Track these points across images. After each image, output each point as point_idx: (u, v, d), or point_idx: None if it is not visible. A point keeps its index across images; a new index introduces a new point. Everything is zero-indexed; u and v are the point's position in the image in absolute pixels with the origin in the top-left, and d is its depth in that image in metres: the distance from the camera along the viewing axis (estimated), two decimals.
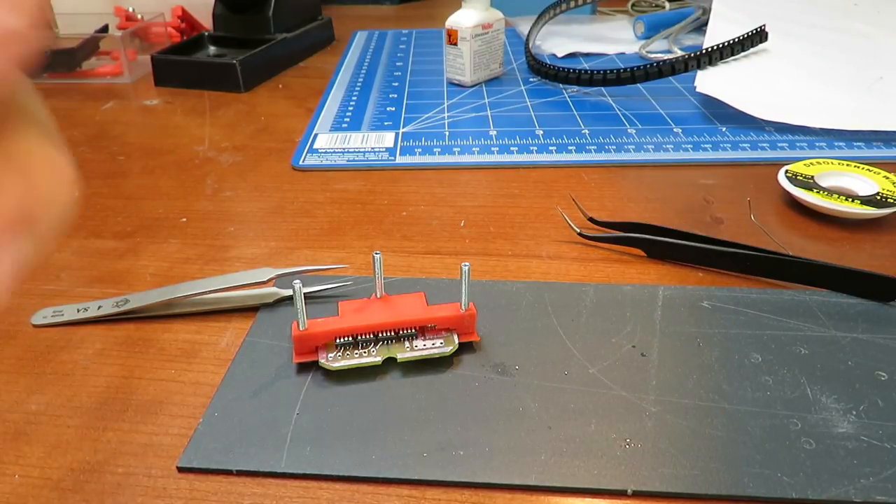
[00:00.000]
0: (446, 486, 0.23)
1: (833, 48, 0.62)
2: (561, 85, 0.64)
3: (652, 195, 0.41)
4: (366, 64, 0.74)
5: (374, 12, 1.04)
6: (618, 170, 0.47)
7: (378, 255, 0.29)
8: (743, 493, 0.23)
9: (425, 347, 0.29)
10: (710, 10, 0.67)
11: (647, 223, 0.37)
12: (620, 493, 0.23)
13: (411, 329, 0.29)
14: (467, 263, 0.28)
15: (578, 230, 0.39)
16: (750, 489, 0.23)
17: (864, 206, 0.38)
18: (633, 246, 0.37)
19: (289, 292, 0.33)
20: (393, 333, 0.29)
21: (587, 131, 0.53)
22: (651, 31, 0.77)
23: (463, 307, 0.29)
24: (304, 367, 0.29)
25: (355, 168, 0.49)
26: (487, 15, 0.63)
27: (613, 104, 0.59)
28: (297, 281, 0.27)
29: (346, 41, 0.84)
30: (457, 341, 0.29)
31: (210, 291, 0.32)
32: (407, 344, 0.29)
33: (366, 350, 0.29)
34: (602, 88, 0.61)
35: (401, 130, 0.55)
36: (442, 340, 0.29)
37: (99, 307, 0.33)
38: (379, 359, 0.28)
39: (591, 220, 0.39)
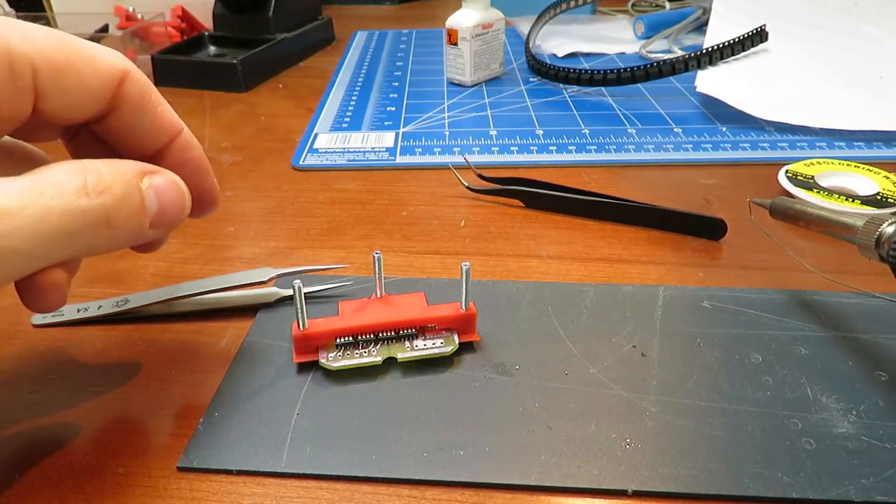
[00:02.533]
0: (446, 486, 0.23)
1: (833, 48, 0.62)
2: (561, 85, 0.64)
3: (652, 195, 0.41)
4: (366, 64, 0.74)
5: (374, 12, 1.04)
6: (618, 169, 0.47)
7: (378, 255, 0.29)
8: (743, 493, 0.23)
9: (425, 347, 0.29)
10: (710, 10, 0.67)
11: (530, 179, 0.43)
12: (621, 493, 0.23)
13: (411, 329, 0.29)
14: (467, 263, 0.28)
15: (467, 185, 0.44)
16: (750, 489, 0.23)
17: (865, 206, 0.38)
18: (513, 197, 0.43)
19: (289, 292, 0.33)
20: (393, 333, 0.29)
21: (587, 131, 0.53)
22: (651, 31, 0.77)
23: (463, 307, 0.29)
24: (304, 367, 0.29)
25: (355, 168, 0.49)
26: (487, 15, 0.63)
27: (613, 104, 0.59)
28: (298, 281, 0.27)
29: (347, 41, 0.84)
30: (457, 341, 0.29)
31: (210, 291, 0.32)
32: (407, 344, 0.29)
33: (366, 350, 0.29)
34: (602, 88, 0.61)
35: (401, 130, 0.55)
36: (442, 340, 0.29)
37: (99, 307, 0.33)
38: (379, 358, 0.28)
39: (480, 176, 0.45)
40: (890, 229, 0.26)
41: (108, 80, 0.22)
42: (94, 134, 0.25)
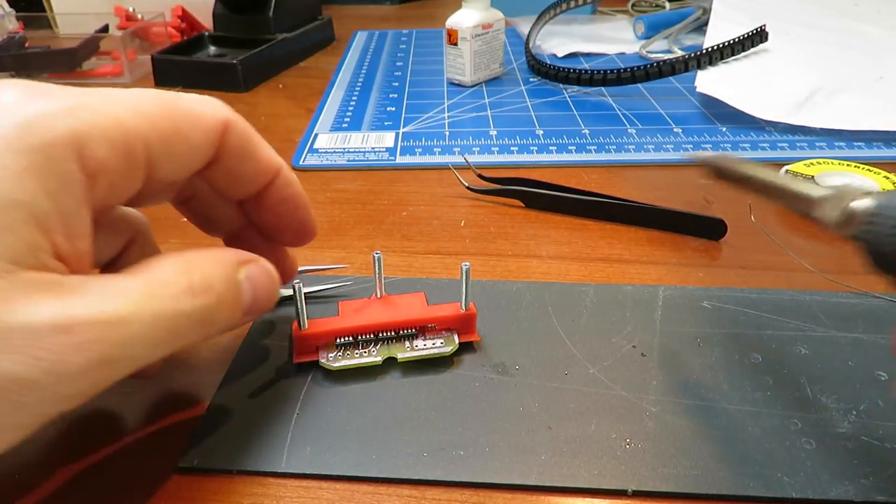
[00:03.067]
0: (446, 486, 0.23)
1: (833, 48, 0.62)
2: (561, 85, 0.64)
3: (652, 195, 0.41)
4: (366, 64, 0.74)
5: (374, 12, 1.04)
6: (618, 170, 0.47)
7: (378, 255, 0.29)
8: (743, 493, 0.23)
9: (425, 347, 0.29)
10: (710, 10, 0.67)
11: (530, 179, 0.43)
12: (621, 493, 0.23)
13: (411, 329, 0.29)
14: (467, 263, 0.28)
15: (467, 185, 0.43)
16: (750, 489, 0.23)
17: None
18: (513, 197, 0.43)
19: (289, 292, 0.33)
20: (393, 333, 0.29)
21: (587, 131, 0.53)
22: (651, 31, 0.77)
23: (463, 307, 0.29)
24: (304, 367, 0.28)
25: (355, 168, 0.49)
26: (487, 15, 0.63)
27: (613, 104, 0.59)
28: (298, 281, 0.27)
29: (347, 41, 0.84)
30: (457, 341, 0.29)
31: None
32: (407, 344, 0.29)
33: (366, 350, 0.29)
34: (602, 88, 0.61)
35: (401, 130, 0.55)
36: (442, 340, 0.29)
37: None
38: (379, 358, 0.28)
39: (480, 176, 0.44)
40: (863, 203, 0.23)
41: (212, 134, 0.23)
42: (197, 182, 0.25)
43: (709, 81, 0.56)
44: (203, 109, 0.22)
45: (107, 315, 0.18)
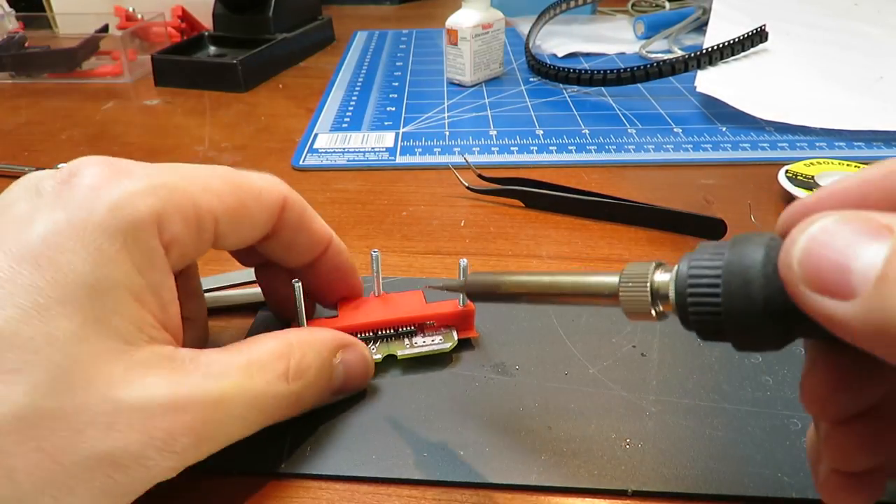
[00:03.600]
0: (446, 486, 0.23)
1: (833, 48, 0.62)
2: (561, 85, 0.64)
3: (652, 195, 0.41)
4: (366, 64, 0.74)
5: (374, 12, 1.04)
6: (618, 170, 0.47)
7: (376, 254, 0.29)
8: (743, 493, 0.23)
9: (425, 344, 0.29)
10: (710, 10, 0.67)
11: (530, 179, 0.43)
12: (621, 494, 0.23)
13: (410, 326, 0.29)
14: (464, 259, 0.28)
15: (467, 185, 0.43)
16: (750, 489, 0.23)
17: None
18: (513, 197, 0.43)
19: None
20: (392, 331, 0.29)
21: (587, 131, 0.53)
22: (651, 31, 0.77)
23: (461, 303, 0.29)
24: None
25: (355, 168, 0.49)
26: (487, 15, 0.63)
27: (613, 104, 0.59)
28: (297, 280, 0.27)
29: (346, 41, 0.84)
30: (456, 337, 0.29)
31: (210, 290, 0.32)
32: (406, 341, 0.29)
33: None
34: (602, 88, 0.61)
35: (401, 130, 0.55)
36: (441, 337, 0.29)
37: None
38: (379, 356, 0.28)
39: (480, 176, 0.44)
40: (665, 277, 0.18)
41: (273, 210, 0.25)
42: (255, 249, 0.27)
43: (709, 81, 0.56)
44: (264, 186, 0.24)
45: (212, 396, 0.20)
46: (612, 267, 0.36)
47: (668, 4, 0.87)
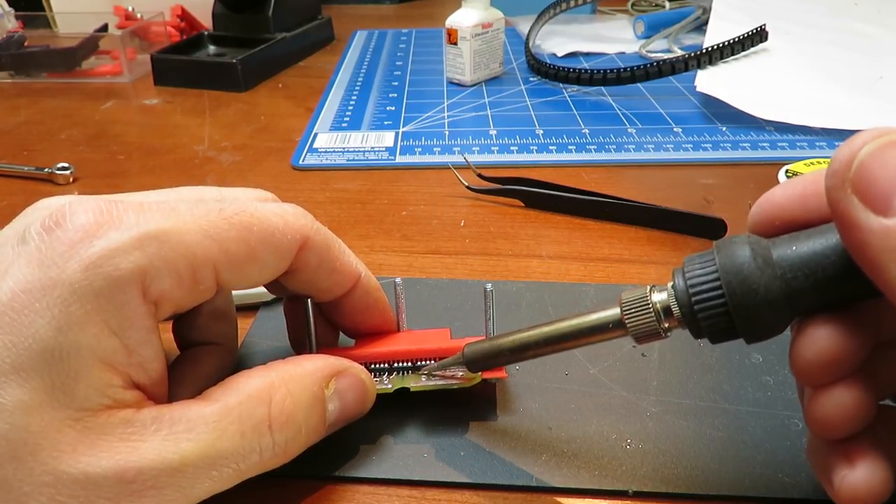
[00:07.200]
0: (446, 487, 0.23)
1: (833, 48, 0.62)
2: (561, 84, 0.64)
3: (652, 195, 0.41)
4: (366, 63, 0.74)
5: (374, 12, 1.04)
6: (618, 169, 0.47)
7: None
8: (744, 493, 0.23)
9: (444, 378, 0.26)
10: (710, 9, 0.67)
11: (530, 178, 0.43)
12: (621, 494, 0.23)
13: (430, 360, 0.26)
14: (489, 283, 0.26)
15: (467, 184, 0.43)
16: (751, 490, 0.23)
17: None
18: (513, 197, 0.43)
19: None
20: (410, 363, 0.26)
21: (587, 131, 0.53)
22: (651, 31, 0.77)
23: (490, 334, 0.26)
24: None
25: (355, 167, 0.49)
26: (487, 14, 0.63)
27: (613, 104, 0.59)
28: (309, 297, 0.25)
29: (346, 41, 0.84)
30: (480, 375, 0.25)
31: None
32: (424, 377, 0.26)
33: (378, 378, 0.26)
34: (602, 88, 0.61)
35: (401, 130, 0.55)
36: (462, 371, 0.25)
37: None
38: (390, 386, 0.26)
39: (480, 176, 0.44)
40: (665, 294, 0.20)
41: (287, 251, 0.22)
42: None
43: (709, 81, 0.56)
44: (279, 226, 0.22)
45: (170, 462, 0.18)
46: (612, 267, 0.36)
47: (668, 4, 0.87)
